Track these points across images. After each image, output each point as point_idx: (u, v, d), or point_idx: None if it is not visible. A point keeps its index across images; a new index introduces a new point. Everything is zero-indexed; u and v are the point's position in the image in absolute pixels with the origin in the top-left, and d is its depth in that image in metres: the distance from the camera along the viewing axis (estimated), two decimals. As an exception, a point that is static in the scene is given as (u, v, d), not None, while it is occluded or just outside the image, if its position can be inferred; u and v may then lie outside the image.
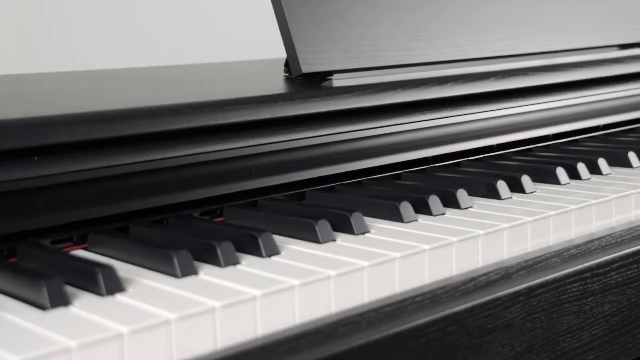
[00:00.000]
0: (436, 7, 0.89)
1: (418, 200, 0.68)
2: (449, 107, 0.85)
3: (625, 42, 1.08)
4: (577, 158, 0.83)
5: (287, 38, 0.77)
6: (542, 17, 0.99)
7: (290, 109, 0.71)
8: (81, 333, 0.44)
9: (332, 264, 0.56)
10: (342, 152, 0.76)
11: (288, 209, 0.67)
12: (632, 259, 0.67)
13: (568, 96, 0.97)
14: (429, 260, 0.59)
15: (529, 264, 0.63)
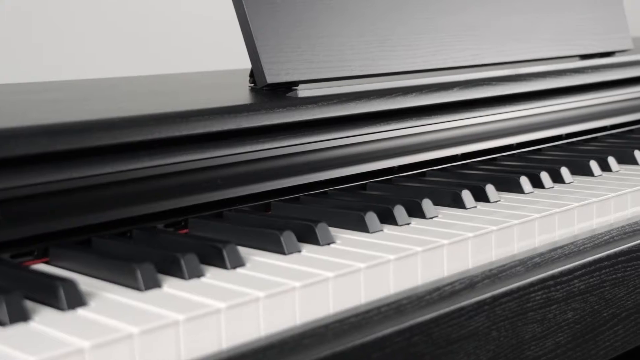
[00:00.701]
0: (400, 18, 0.90)
1: (383, 210, 0.68)
2: (414, 117, 0.85)
3: (586, 53, 1.09)
4: (540, 167, 0.84)
5: (252, 48, 0.76)
6: (505, 27, 1.00)
7: (255, 119, 0.71)
8: (41, 348, 0.43)
9: (297, 275, 0.55)
10: (307, 162, 0.76)
11: (253, 220, 0.67)
12: (594, 267, 0.68)
13: (531, 106, 0.98)
14: (394, 270, 0.59)
15: (493, 273, 0.63)
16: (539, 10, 1.05)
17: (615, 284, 0.70)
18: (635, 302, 0.72)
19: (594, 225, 0.75)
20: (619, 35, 1.14)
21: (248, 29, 0.76)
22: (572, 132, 1.03)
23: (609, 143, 1.02)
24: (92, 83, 0.99)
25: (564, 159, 0.91)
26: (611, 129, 1.08)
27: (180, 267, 0.54)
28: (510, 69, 0.98)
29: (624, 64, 1.09)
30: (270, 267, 0.58)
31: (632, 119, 1.10)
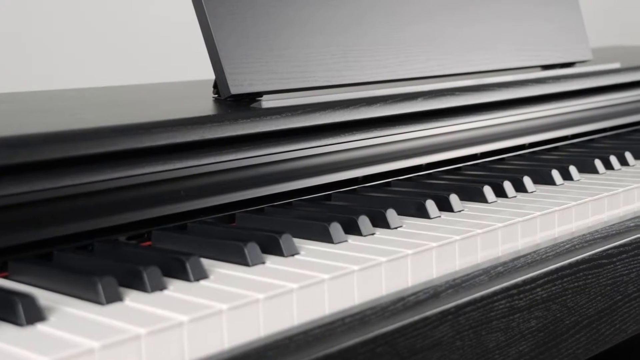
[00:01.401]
0: (365, 29, 0.90)
1: (348, 221, 0.68)
2: (379, 127, 0.86)
3: (548, 63, 1.11)
4: (503, 176, 0.85)
5: (215, 59, 0.76)
6: (469, 37, 1.01)
7: (219, 130, 0.71)
8: (-1, 366, 0.42)
9: (261, 287, 0.55)
10: (272, 173, 0.76)
11: (217, 232, 0.67)
12: (556, 275, 0.69)
13: (495, 115, 0.99)
14: (359, 281, 0.59)
15: (457, 283, 0.63)
16: (502, 22, 1.06)
17: (577, 292, 0.71)
18: (597, 309, 0.73)
19: (556, 234, 0.75)
20: (578, 46, 1.16)
21: (211, 40, 0.76)
22: (535, 141, 1.04)
23: (571, 152, 1.04)
24: (57, 94, 0.98)
25: (526, 168, 0.92)
26: (572, 138, 1.10)
27: (143, 280, 0.54)
28: (474, 79, 0.99)
29: (584, 75, 1.11)
30: (234, 279, 0.57)
31: (592, 128, 1.12)
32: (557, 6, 1.15)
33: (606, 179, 0.89)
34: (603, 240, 0.75)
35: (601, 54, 1.37)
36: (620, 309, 0.75)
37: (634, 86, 1.19)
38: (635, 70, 1.19)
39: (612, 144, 1.08)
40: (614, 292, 0.74)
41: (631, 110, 1.19)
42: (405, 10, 0.95)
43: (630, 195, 0.84)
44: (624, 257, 0.75)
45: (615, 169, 0.94)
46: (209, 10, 0.76)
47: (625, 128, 1.18)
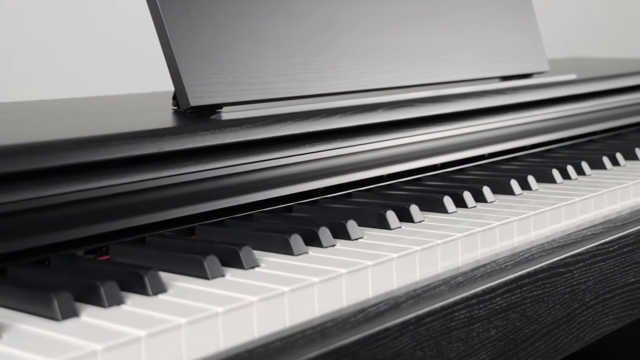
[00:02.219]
0: (326, 40, 0.91)
1: (308, 233, 0.68)
2: (339, 138, 0.86)
3: (506, 74, 1.12)
4: (463, 187, 0.86)
5: (174, 71, 0.76)
6: (429, 49, 1.02)
7: (178, 143, 0.71)
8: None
9: (220, 300, 0.55)
10: (232, 185, 0.75)
11: (176, 245, 0.66)
12: (515, 284, 0.69)
13: (454, 126, 1.00)
14: (319, 293, 0.59)
15: (417, 293, 0.64)
16: (461, 33, 1.07)
17: (536, 301, 0.72)
18: (555, 317, 0.74)
19: (515, 243, 0.76)
20: (536, 57, 1.17)
21: (170, 52, 0.76)
22: (494, 151, 1.05)
23: (529, 162, 1.05)
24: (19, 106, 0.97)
25: (486, 178, 0.93)
26: (531, 148, 1.11)
27: (100, 295, 0.53)
28: (434, 90, 1.00)
29: (542, 86, 1.13)
30: (193, 292, 0.57)
31: (550, 138, 1.13)
32: (514, 18, 1.16)
33: (563, 189, 0.90)
34: (561, 249, 0.76)
35: (558, 65, 1.39)
36: (578, 317, 0.76)
37: (590, 97, 1.21)
38: (591, 82, 1.21)
39: (569, 154, 1.10)
40: (571, 301, 0.75)
41: (587, 121, 1.21)
42: (366, 22, 0.96)
43: (586, 205, 0.85)
44: (581, 265, 0.76)
45: (572, 179, 0.96)
46: (167, 23, 0.76)
47: (581, 138, 1.20)
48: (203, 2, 0.80)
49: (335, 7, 0.93)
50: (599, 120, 1.24)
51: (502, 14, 1.14)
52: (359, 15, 0.95)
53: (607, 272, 0.79)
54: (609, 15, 2.65)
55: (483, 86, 1.06)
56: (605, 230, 0.82)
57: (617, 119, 1.27)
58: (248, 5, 0.84)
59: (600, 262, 0.79)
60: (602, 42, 2.62)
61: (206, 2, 0.80)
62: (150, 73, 1.31)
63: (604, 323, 0.80)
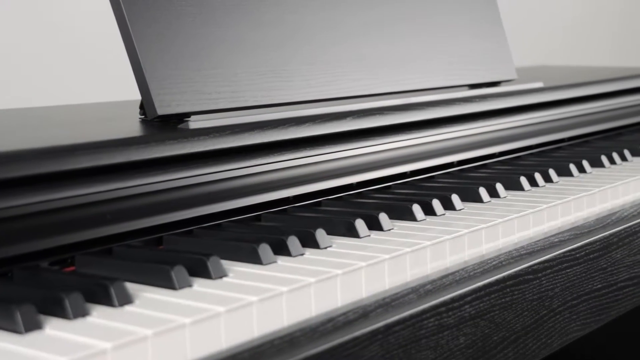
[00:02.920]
0: (294, 49, 0.91)
1: (277, 242, 0.68)
2: (308, 146, 0.86)
3: (475, 82, 1.13)
4: (432, 194, 0.86)
5: (141, 79, 0.75)
6: (398, 57, 1.02)
7: (145, 152, 0.70)
8: None
9: (188, 311, 0.54)
10: (200, 194, 0.75)
11: (144, 255, 0.66)
12: (483, 292, 0.70)
13: (423, 134, 1.01)
14: (288, 302, 0.59)
15: (386, 302, 0.64)
16: (430, 42, 1.08)
17: (504, 308, 0.72)
18: (523, 324, 0.74)
19: (483, 250, 0.77)
20: (503, 65, 1.18)
21: (137, 60, 0.75)
22: (463, 159, 1.06)
23: (497, 170, 1.06)
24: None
25: (455, 186, 0.94)
26: (499, 155, 1.12)
27: (64, 307, 0.52)
28: (403, 98, 1.00)
29: (510, 94, 1.14)
30: (160, 303, 0.56)
31: (518, 146, 1.14)
32: (482, 27, 1.17)
33: (531, 196, 0.91)
34: (528, 256, 0.77)
35: (525, 73, 1.41)
36: (546, 324, 0.77)
37: (557, 105, 1.22)
38: (558, 90, 1.22)
39: (537, 161, 1.11)
40: (539, 307, 0.76)
41: (554, 128, 1.22)
42: (334, 30, 0.96)
43: (553, 212, 0.86)
44: (549, 272, 0.77)
45: (540, 186, 0.96)
46: (134, 31, 0.75)
47: (549, 145, 1.21)
48: (170, 10, 0.79)
49: (303, 16, 0.93)
50: (566, 127, 1.25)
51: (470, 23, 1.15)
52: (327, 23, 0.96)
53: (574, 278, 0.80)
54: (575, 24, 2.68)
55: (451, 94, 1.06)
56: (572, 237, 0.82)
57: (584, 127, 1.28)
58: (216, 14, 0.84)
59: (567, 268, 0.79)
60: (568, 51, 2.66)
61: (174, 10, 0.80)
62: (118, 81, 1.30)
63: (572, 329, 0.80)
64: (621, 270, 0.87)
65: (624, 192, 0.97)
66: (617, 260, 0.86)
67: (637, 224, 0.89)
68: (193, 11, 0.82)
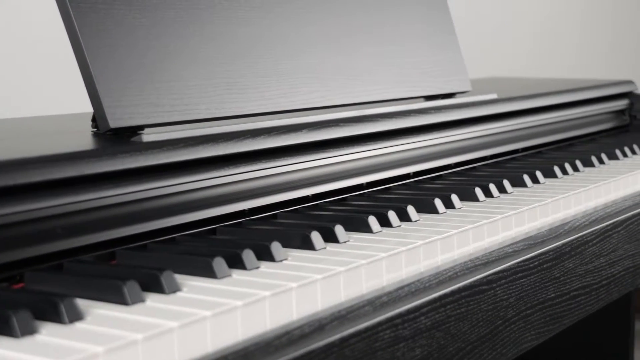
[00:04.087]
0: (249, 61, 0.90)
1: (232, 255, 0.67)
2: (264, 159, 0.85)
3: (430, 94, 1.14)
4: (388, 206, 0.86)
5: (93, 92, 0.74)
6: (353, 69, 1.03)
7: (97, 166, 0.69)
8: None
9: (140, 327, 0.53)
10: (154, 208, 0.74)
11: (96, 270, 0.64)
12: (439, 303, 0.70)
13: (379, 146, 1.01)
14: (242, 316, 0.58)
15: (342, 314, 0.63)
16: (385, 53, 1.08)
17: (460, 319, 0.72)
18: (479, 335, 0.75)
19: (439, 261, 0.77)
20: (458, 77, 1.20)
21: (88, 73, 0.74)
22: (419, 170, 1.06)
23: (453, 181, 1.06)
24: None
25: (411, 197, 0.94)
26: (455, 167, 1.13)
27: (11, 325, 0.51)
28: (358, 110, 1.01)
29: (464, 105, 1.15)
30: (112, 319, 0.55)
31: (474, 157, 1.16)
32: (437, 39, 1.18)
33: (486, 206, 0.92)
34: (483, 266, 0.77)
35: (479, 85, 1.42)
36: (501, 334, 0.77)
37: (511, 116, 1.24)
38: (511, 101, 1.24)
39: (492, 172, 1.12)
40: (494, 317, 0.76)
41: (509, 139, 1.24)
42: (288, 43, 0.96)
43: (508, 222, 0.86)
44: (503, 282, 0.77)
45: (494, 197, 0.97)
46: (85, 43, 0.74)
47: (504, 156, 1.23)
48: (123, 22, 0.79)
49: (257, 28, 0.93)
50: (520, 138, 1.27)
51: (426, 35, 1.16)
52: (281, 36, 0.95)
53: (528, 288, 0.81)
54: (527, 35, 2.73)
55: (407, 106, 1.07)
56: (526, 247, 0.83)
57: (537, 137, 1.30)
58: (170, 26, 0.83)
59: (522, 278, 0.80)
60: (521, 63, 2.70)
61: (126, 22, 0.79)
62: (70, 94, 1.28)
63: (526, 338, 0.81)
64: (573, 279, 0.88)
65: (576, 202, 0.98)
66: (570, 270, 0.87)
67: (588, 234, 0.91)
68: (146, 24, 0.81)
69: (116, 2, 0.79)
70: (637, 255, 1.01)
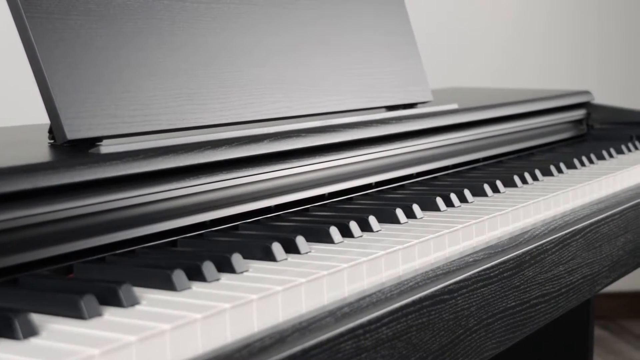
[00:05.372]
0: (210, 72, 0.90)
1: (192, 267, 0.67)
2: (225, 170, 0.85)
3: (391, 104, 1.15)
4: (350, 216, 0.86)
5: (50, 103, 0.73)
6: (315, 79, 1.03)
7: (54, 178, 0.68)
8: None
9: (97, 341, 0.53)
10: (113, 220, 0.73)
11: (52, 284, 0.63)
12: (400, 313, 0.70)
13: (341, 156, 1.01)
14: (202, 329, 0.58)
15: (303, 326, 0.63)
16: (347, 64, 1.09)
17: (421, 329, 0.72)
18: (440, 344, 0.75)
19: (400, 271, 0.77)
20: (419, 87, 1.20)
21: (45, 84, 0.73)
22: (381, 180, 1.07)
23: (415, 191, 1.07)
24: None
25: (372, 207, 0.94)
26: (417, 176, 1.13)
27: (-36, 342, 0.50)
28: (320, 120, 1.01)
29: (426, 115, 1.16)
30: (68, 334, 0.54)
31: (435, 166, 1.16)
32: (399, 50, 1.19)
33: (447, 216, 0.92)
34: (444, 276, 0.77)
35: (440, 95, 1.44)
36: (462, 342, 0.78)
37: (471, 126, 1.25)
38: (472, 111, 1.25)
39: (453, 182, 1.13)
40: (455, 327, 0.77)
41: (470, 149, 1.25)
42: (250, 54, 0.96)
43: (468, 232, 0.87)
44: (464, 291, 0.78)
45: (455, 206, 0.98)
46: (41, 54, 0.73)
47: (465, 166, 1.24)
48: (80, 33, 0.78)
49: (218, 39, 0.93)
50: (481, 148, 1.28)
51: (387, 45, 1.17)
52: (243, 47, 0.95)
53: (489, 297, 0.81)
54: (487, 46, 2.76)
55: (369, 116, 1.07)
56: (487, 256, 0.84)
57: (497, 147, 1.31)
58: (129, 37, 0.83)
59: (482, 287, 0.80)
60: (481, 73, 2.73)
61: (84, 33, 0.78)
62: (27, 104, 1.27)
63: (488, 347, 0.81)
64: (533, 287, 0.89)
65: (536, 211, 0.99)
66: (530, 278, 0.88)
67: (547, 242, 0.92)
68: (104, 34, 0.80)
69: (73, 13, 0.78)
70: (595, 263, 1.02)
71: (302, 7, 1.05)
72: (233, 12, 0.96)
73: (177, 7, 0.89)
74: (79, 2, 0.79)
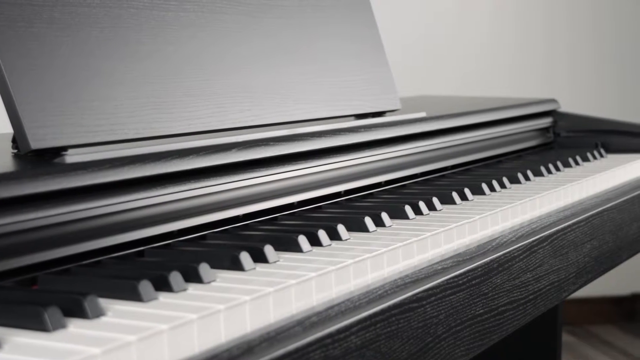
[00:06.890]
0: (178, 81, 0.89)
1: (159, 278, 0.66)
2: (192, 179, 0.84)
3: (360, 113, 1.15)
4: (319, 225, 0.86)
5: (13, 112, 0.72)
6: (284, 88, 1.03)
7: (17, 188, 0.67)
8: None
9: (61, 354, 0.52)
10: (78, 231, 0.72)
11: (15, 296, 0.62)
12: (369, 322, 0.70)
13: (310, 164, 1.01)
14: (169, 340, 0.57)
15: (271, 336, 0.63)
16: (315, 73, 1.09)
17: (390, 337, 0.72)
18: (409, 352, 0.75)
19: (369, 280, 0.77)
20: (388, 96, 1.21)
21: (8, 93, 0.72)
22: (350, 189, 1.07)
23: (383, 199, 1.07)
24: None
25: (341, 216, 0.94)
26: (386, 185, 1.14)
27: None
28: (289, 129, 1.00)
29: (394, 123, 1.16)
30: (31, 347, 0.53)
31: (404, 174, 1.17)
32: (367, 58, 1.19)
33: (416, 224, 0.92)
34: (413, 284, 0.78)
35: (409, 103, 1.44)
36: (432, 350, 0.78)
37: (440, 134, 1.25)
38: (440, 119, 1.26)
39: (422, 190, 1.13)
40: (424, 334, 0.77)
41: (438, 157, 1.25)
42: (217, 62, 0.95)
43: (437, 239, 0.87)
44: (433, 299, 0.78)
45: (424, 214, 0.98)
46: (3, 62, 0.72)
47: (433, 174, 1.24)
48: (45, 41, 0.77)
49: (187, 48, 0.92)
50: (449, 156, 1.29)
51: (355, 53, 1.17)
52: (212, 55, 0.95)
53: (457, 304, 0.82)
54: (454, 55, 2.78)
55: (337, 124, 1.07)
56: (455, 264, 0.84)
57: (465, 155, 1.32)
58: (95, 45, 0.82)
59: (451, 295, 0.81)
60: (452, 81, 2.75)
61: (48, 41, 0.77)
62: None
63: (456, 354, 0.82)
64: (501, 294, 0.89)
65: (503, 218, 1.00)
66: (498, 285, 0.88)
67: (515, 250, 0.92)
68: (69, 42, 0.79)
69: (37, 21, 0.77)
70: (562, 270, 1.03)
71: (271, 16, 1.05)
72: (201, 20, 0.95)
73: (144, 16, 0.89)
74: (43, 10, 0.78)
